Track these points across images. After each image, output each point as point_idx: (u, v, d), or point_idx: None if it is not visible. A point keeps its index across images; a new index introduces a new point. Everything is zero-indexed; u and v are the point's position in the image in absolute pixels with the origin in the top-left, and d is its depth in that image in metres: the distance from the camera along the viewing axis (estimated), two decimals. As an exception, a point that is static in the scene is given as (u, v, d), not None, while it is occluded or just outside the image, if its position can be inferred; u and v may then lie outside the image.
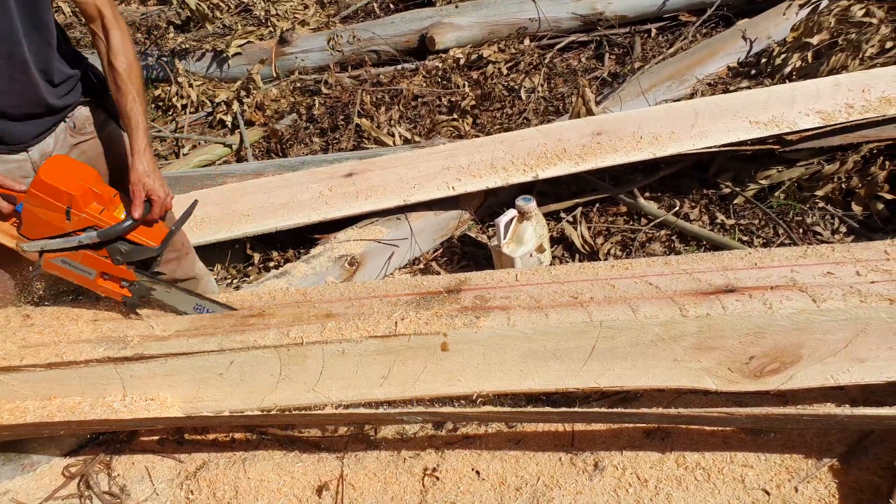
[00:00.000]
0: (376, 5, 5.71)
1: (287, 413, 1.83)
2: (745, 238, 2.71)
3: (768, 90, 2.92)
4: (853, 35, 3.29)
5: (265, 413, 1.83)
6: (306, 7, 5.91)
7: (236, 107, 4.63)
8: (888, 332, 1.54)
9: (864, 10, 3.43)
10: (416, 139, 3.72)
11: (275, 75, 4.99)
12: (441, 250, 3.00)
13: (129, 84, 1.86)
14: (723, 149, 2.74)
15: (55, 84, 1.86)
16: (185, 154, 4.40)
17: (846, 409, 1.55)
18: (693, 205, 2.92)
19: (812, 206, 2.73)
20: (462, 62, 4.43)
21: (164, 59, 5.25)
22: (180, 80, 5.01)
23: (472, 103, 3.99)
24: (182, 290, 1.95)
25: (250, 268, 3.12)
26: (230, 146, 4.31)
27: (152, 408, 1.84)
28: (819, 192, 2.74)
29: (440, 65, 4.47)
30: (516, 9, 4.55)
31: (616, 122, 2.90)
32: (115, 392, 1.87)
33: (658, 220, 2.84)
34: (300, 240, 3.02)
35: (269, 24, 5.57)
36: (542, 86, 4.09)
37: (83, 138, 1.98)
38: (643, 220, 2.90)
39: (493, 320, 1.69)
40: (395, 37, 4.77)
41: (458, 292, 1.83)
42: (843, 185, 2.72)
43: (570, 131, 2.90)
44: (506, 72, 4.30)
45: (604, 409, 1.76)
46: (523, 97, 4.02)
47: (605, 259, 2.76)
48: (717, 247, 2.64)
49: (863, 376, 1.58)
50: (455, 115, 3.94)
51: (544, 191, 3.06)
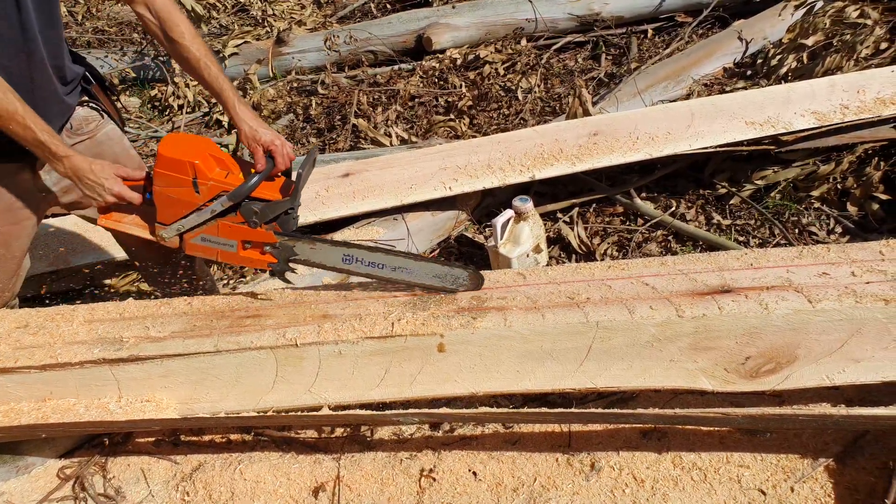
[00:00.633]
0: (373, 6, 5.71)
1: (283, 414, 1.83)
2: (741, 238, 2.72)
3: (764, 91, 2.93)
4: (848, 36, 3.30)
5: (261, 414, 1.82)
6: (303, 7, 5.90)
7: (233, 107, 4.61)
8: (883, 333, 1.54)
9: (858, 12, 3.43)
10: (413, 139, 3.71)
11: (271, 75, 4.98)
12: (438, 251, 3.00)
13: (195, 51, 1.82)
14: (719, 149, 2.74)
15: (66, 82, 1.84)
16: (181, 154, 4.38)
17: (842, 410, 1.55)
18: (689, 205, 2.92)
19: (808, 207, 2.73)
20: (459, 62, 4.43)
21: (161, 59, 5.24)
22: (177, 80, 4.99)
23: (469, 104, 3.99)
24: (326, 243, 1.84)
25: (246, 268, 3.12)
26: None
27: (148, 409, 1.83)
28: (815, 193, 2.74)
29: (437, 65, 4.46)
30: (513, 9, 4.55)
31: (612, 123, 2.90)
32: (111, 393, 1.87)
33: (654, 221, 2.84)
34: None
35: (265, 24, 5.57)
36: (538, 86, 4.09)
37: (79, 139, 1.96)
38: (639, 221, 2.90)
39: (490, 321, 1.69)
40: (392, 37, 4.77)
41: (455, 293, 1.83)
42: (839, 186, 2.73)
43: (566, 132, 2.90)
44: (502, 72, 4.30)
45: (600, 410, 1.76)
46: (520, 97, 4.03)
47: (602, 259, 2.77)
48: (713, 247, 2.64)
49: (858, 376, 1.58)
50: (452, 116, 3.93)
51: (541, 191, 3.06)
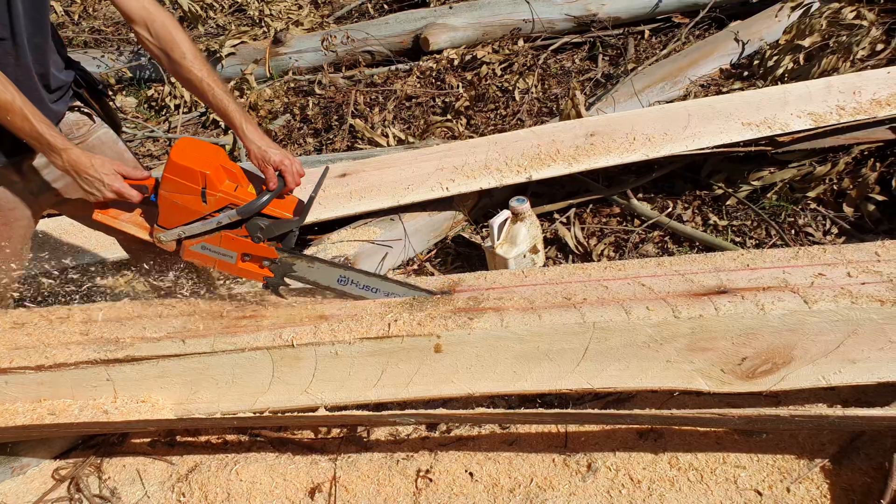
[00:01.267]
0: (370, 6, 5.70)
1: (280, 415, 1.83)
2: (737, 239, 2.72)
3: (760, 92, 2.93)
4: (844, 37, 3.30)
5: (258, 415, 1.82)
6: (300, 7, 5.89)
7: (229, 107, 4.61)
8: (879, 333, 1.54)
9: (855, 13, 3.44)
10: (410, 140, 3.71)
11: (269, 75, 4.97)
12: (435, 251, 3.00)
13: (198, 72, 1.79)
14: (715, 150, 2.75)
15: (51, 90, 1.84)
16: (177, 154, 4.37)
17: (838, 410, 1.56)
18: (686, 206, 2.92)
19: (804, 208, 2.74)
20: (456, 63, 4.43)
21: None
22: (173, 80, 4.98)
23: (466, 104, 3.99)
24: (325, 263, 1.87)
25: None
26: (223, 147, 4.30)
27: (144, 410, 1.83)
28: (811, 194, 2.75)
29: (434, 65, 4.46)
30: (510, 10, 4.55)
31: (609, 124, 2.91)
32: (107, 394, 1.86)
33: (651, 221, 2.85)
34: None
35: (262, 24, 5.55)
36: (535, 87, 4.09)
37: None
38: (636, 221, 2.90)
39: (487, 322, 1.68)
40: (390, 37, 4.77)
41: (452, 293, 1.83)
42: (835, 187, 2.73)
43: (563, 132, 2.90)
44: (500, 73, 4.30)
45: (597, 411, 1.76)
46: (517, 98, 4.03)
47: (599, 260, 2.77)
48: (709, 248, 2.64)
49: (854, 377, 1.59)
50: (449, 116, 3.93)
51: (538, 192, 3.06)
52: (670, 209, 2.91)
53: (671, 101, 3.48)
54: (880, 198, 2.59)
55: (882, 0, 3.54)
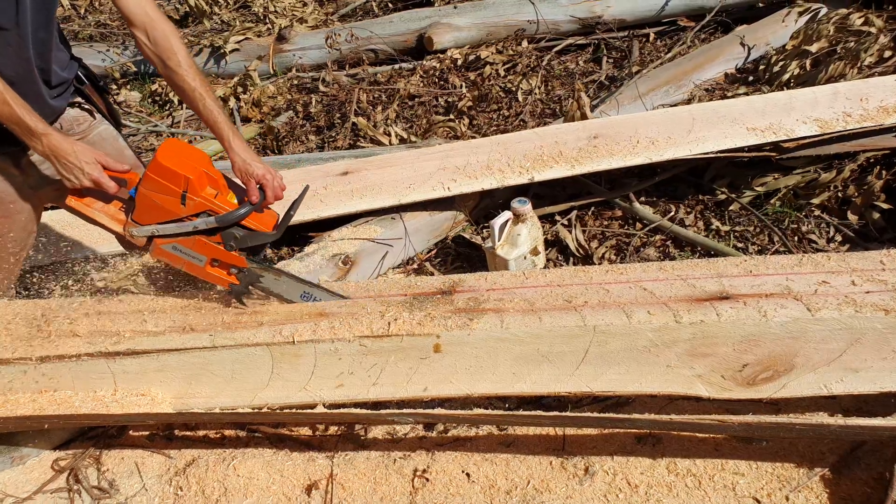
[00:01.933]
0: (375, 4, 5.70)
1: (278, 411, 1.83)
2: (740, 245, 2.71)
3: (766, 97, 2.92)
4: (852, 44, 3.29)
5: (256, 411, 1.82)
6: (305, 4, 5.88)
7: (233, 103, 4.60)
8: (883, 343, 1.54)
9: (863, 19, 3.43)
10: (413, 139, 3.71)
11: (272, 72, 4.97)
12: (435, 251, 2.99)
13: (191, 81, 1.82)
14: (719, 155, 2.74)
15: (52, 86, 1.84)
16: (180, 149, 4.36)
17: (839, 419, 1.55)
18: (688, 210, 2.92)
19: (808, 214, 2.73)
20: (460, 63, 4.42)
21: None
22: (177, 75, 4.98)
23: (469, 104, 3.98)
24: (292, 277, 1.90)
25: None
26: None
27: (143, 403, 1.83)
28: (815, 201, 2.74)
29: (438, 65, 4.46)
30: (515, 10, 4.54)
31: (613, 126, 2.90)
32: (107, 387, 1.86)
33: (653, 225, 2.84)
34: (294, 237, 3.01)
35: (267, 20, 5.55)
36: (539, 88, 4.08)
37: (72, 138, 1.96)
38: (638, 225, 2.89)
39: (487, 322, 1.68)
40: (394, 36, 4.76)
41: (452, 294, 1.83)
42: (840, 194, 2.72)
43: (566, 134, 2.89)
44: (503, 73, 4.29)
45: (595, 414, 1.76)
46: (520, 99, 4.02)
47: (600, 263, 2.76)
48: (711, 253, 2.64)
49: (856, 386, 1.58)
50: (452, 116, 3.93)
51: (540, 193, 3.05)
52: (673, 213, 2.90)
53: (675, 105, 3.47)
54: (886, 206, 2.58)
55: (890, 7, 3.54)
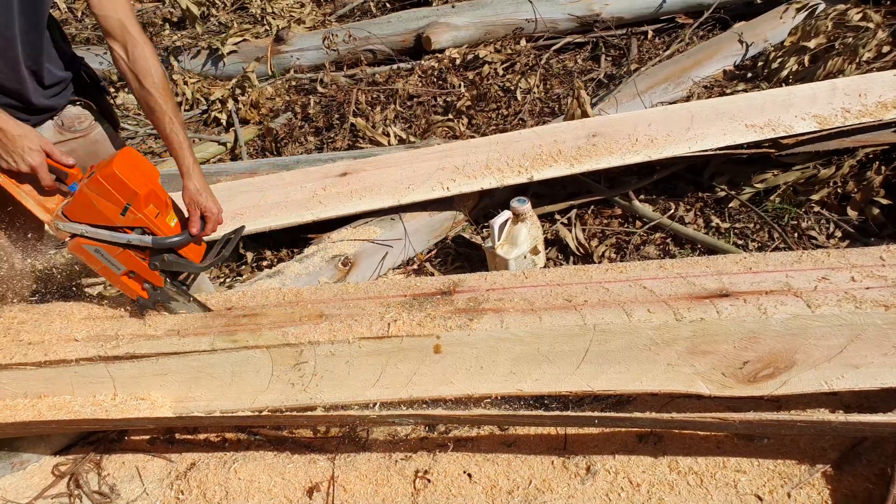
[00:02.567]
0: (372, 4, 5.69)
1: (279, 414, 1.82)
2: (739, 242, 2.71)
3: (765, 93, 2.92)
4: (850, 39, 3.29)
5: (256, 413, 1.82)
6: (302, 6, 5.88)
7: (231, 105, 4.60)
8: (883, 339, 1.53)
9: (861, 15, 3.43)
10: (412, 139, 3.70)
11: (270, 73, 4.96)
12: (435, 251, 2.99)
13: (163, 104, 1.84)
14: (718, 152, 2.73)
15: (45, 86, 1.85)
16: (179, 151, 4.36)
17: (840, 416, 1.55)
18: (688, 208, 2.91)
19: (807, 211, 2.73)
20: (458, 62, 4.42)
21: (160, 57, 5.22)
22: (175, 77, 4.98)
23: (468, 104, 3.98)
24: (199, 305, 1.94)
25: (243, 267, 3.11)
26: (224, 144, 4.29)
27: (143, 407, 1.83)
28: (815, 197, 2.73)
29: (436, 65, 4.45)
30: (513, 9, 4.54)
31: (612, 124, 2.90)
32: (106, 391, 1.86)
33: (653, 223, 2.84)
34: (293, 239, 3.01)
35: (265, 22, 5.55)
36: (537, 87, 4.08)
37: (72, 136, 1.97)
38: (638, 223, 2.89)
39: (487, 322, 1.68)
40: (392, 36, 4.76)
41: (452, 294, 1.83)
42: (839, 190, 2.72)
43: (565, 133, 2.89)
44: (502, 72, 4.29)
45: (596, 413, 1.75)
46: (519, 98, 4.01)
47: (600, 262, 2.76)
48: (711, 250, 2.63)
49: (857, 382, 1.58)
50: (450, 116, 3.92)
51: (539, 192, 3.05)
52: (672, 211, 2.90)
53: (674, 102, 3.47)
54: (885, 201, 2.58)
55: (888, 2, 3.53)
